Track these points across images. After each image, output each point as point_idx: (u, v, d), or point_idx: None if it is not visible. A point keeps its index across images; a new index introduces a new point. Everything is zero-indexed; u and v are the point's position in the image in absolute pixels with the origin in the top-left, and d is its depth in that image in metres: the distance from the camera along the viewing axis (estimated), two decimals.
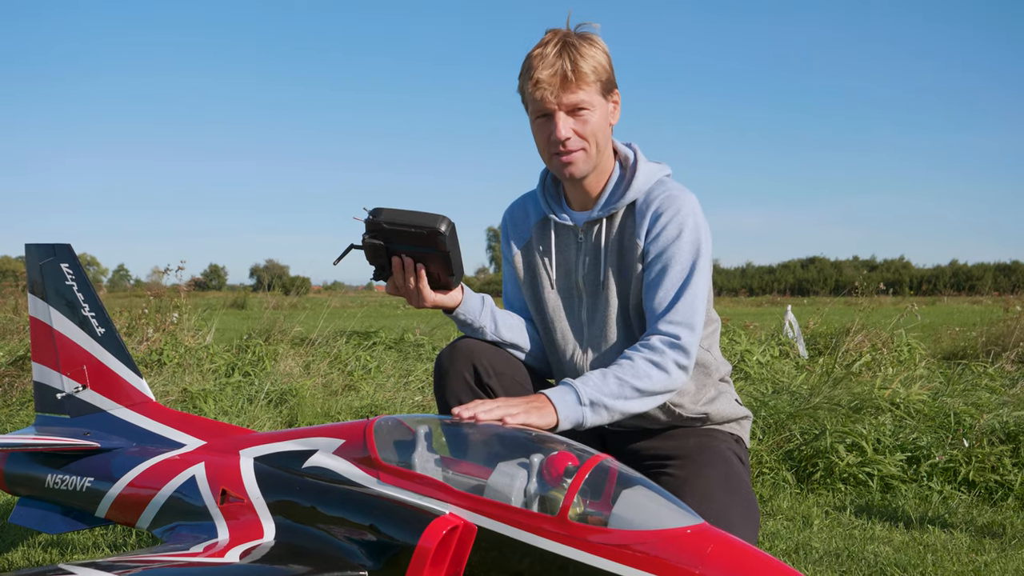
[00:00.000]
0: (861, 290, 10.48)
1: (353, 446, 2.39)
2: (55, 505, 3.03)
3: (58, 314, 3.27)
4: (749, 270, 65.40)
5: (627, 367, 2.49)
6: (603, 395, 2.44)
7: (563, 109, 2.55)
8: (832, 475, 4.82)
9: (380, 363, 9.03)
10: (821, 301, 20.49)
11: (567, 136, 2.57)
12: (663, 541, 1.94)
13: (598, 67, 2.56)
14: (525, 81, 2.58)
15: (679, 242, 2.57)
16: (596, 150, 2.62)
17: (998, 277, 46.84)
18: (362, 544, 2.25)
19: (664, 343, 2.51)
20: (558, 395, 2.43)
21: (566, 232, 2.75)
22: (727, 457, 2.59)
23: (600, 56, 2.57)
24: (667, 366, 2.50)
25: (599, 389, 2.45)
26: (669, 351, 2.51)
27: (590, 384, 2.46)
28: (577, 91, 2.53)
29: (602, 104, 2.60)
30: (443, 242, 2.41)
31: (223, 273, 78.26)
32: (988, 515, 4.26)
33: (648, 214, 2.61)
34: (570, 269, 2.74)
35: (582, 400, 2.43)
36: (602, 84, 2.58)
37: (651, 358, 2.50)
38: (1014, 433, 4.94)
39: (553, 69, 2.51)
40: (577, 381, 2.47)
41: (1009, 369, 8.16)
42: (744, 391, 6.71)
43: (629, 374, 2.48)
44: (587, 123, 2.57)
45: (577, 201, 2.73)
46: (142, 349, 8.26)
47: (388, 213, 2.42)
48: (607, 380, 2.46)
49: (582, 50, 2.54)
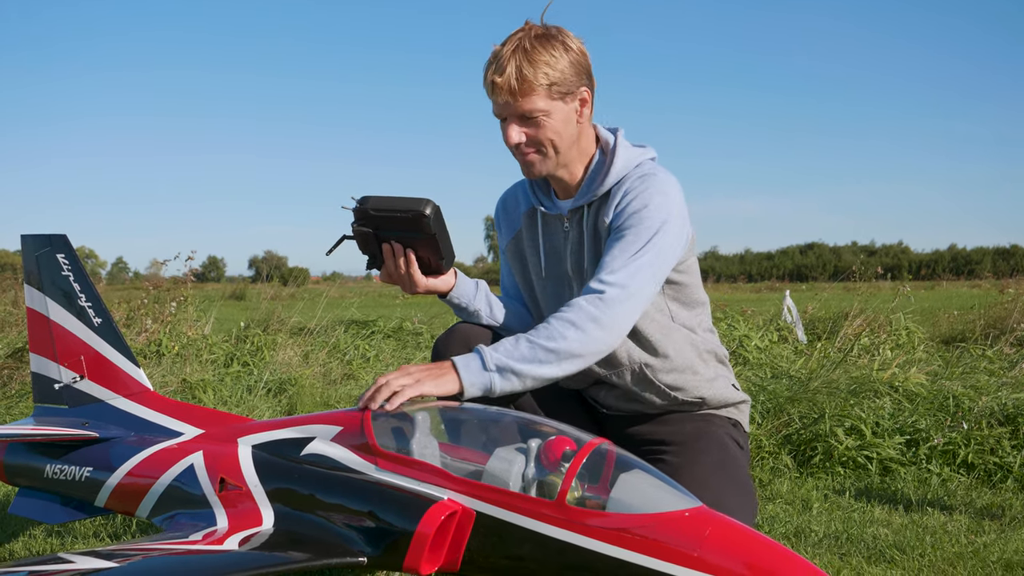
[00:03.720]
0: (859, 275, 10.46)
1: (351, 433, 2.39)
2: (55, 495, 3.03)
3: (55, 304, 3.26)
4: (748, 256, 65.45)
5: (541, 329, 2.41)
6: (512, 359, 2.36)
7: (514, 116, 2.52)
8: (831, 459, 4.82)
9: (379, 352, 9.04)
10: (820, 286, 20.51)
11: (517, 142, 2.54)
12: (661, 524, 1.94)
13: (551, 72, 2.46)
14: (485, 82, 2.54)
15: (640, 214, 2.50)
16: (555, 151, 2.57)
17: (997, 261, 46.78)
18: (361, 530, 2.25)
19: (586, 300, 2.42)
20: (462, 361, 2.37)
21: (553, 221, 2.74)
22: (724, 443, 2.59)
23: (557, 61, 2.47)
24: (582, 324, 2.39)
25: (508, 354, 2.37)
26: (587, 307, 2.40)
27: (500, 349, 2.38)
28: (525, 100, 2.47)
29: (560, 107, 2.51)
30: (428, 225, 2.41)
31: (222, 265, 78.13)
32: (987, 497, 4.27)
33: (619, 194, 2.57)
34: (559, 258, 2.73)
35: (487, 365, 2.35)
36: (556, 88, 2.48)
37: (567, 316, 2.41)
38: (1013, 415, 4.94)
39: (503, 78, 2.46)
40: (487, 347, 2.40)
41: (1008, 351, 8.15)
42: (743, 376, 6.71)
43: (543, 336, 2.39)
44: (541, 127, 2.52)
45: (562, 190, 2.72)
46: (141, 340, 8.25)
47: (374, 200, 2.43)
48: (518, 344, 2.39)
49: (534, 56, 2.45)
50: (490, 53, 2.53)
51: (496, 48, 2.51)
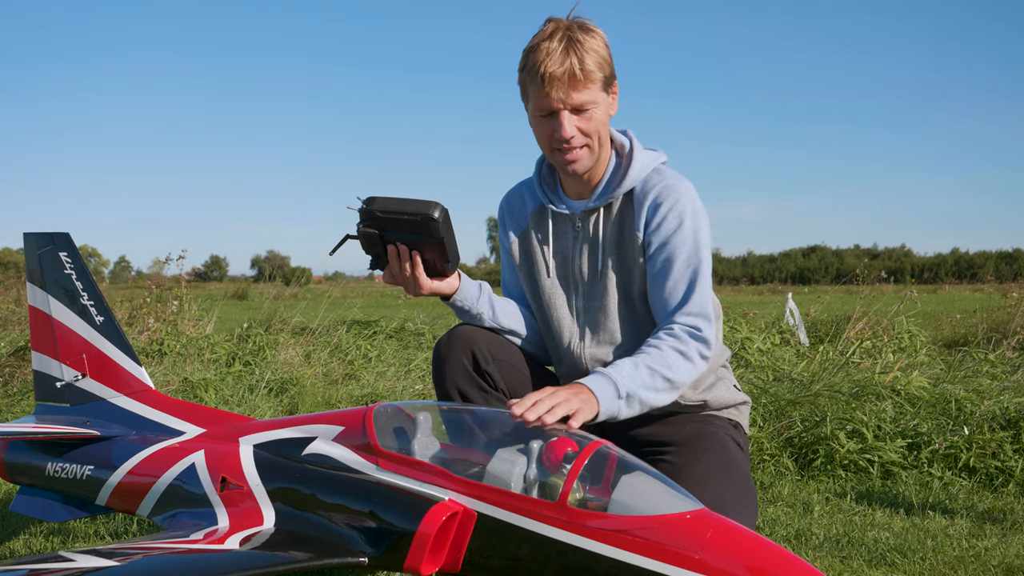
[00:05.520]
0: (862, 278, 10.45)
1: (352, 433, 2.39)
2: (56, 493, 3.03)
3: (57, 303, 3.27)
4: (750, 259, 65.39)
5: (656, 356, 2.45)
6: (639, 387, 2.40)
7: (568, 108, 2.51)
8: (833, 462, 4.82)
9: (380, 352, 9.02)
10: (822, 289, 20.49)
11: (571, 135, 2.53)
12: (663, 526, 1.94)
13: (602, 62, 2.51)
14: (529, 76, 2.52)
15: (680, 232, 2.56)
16: (598, 145, 2.59)
17: (1000, 265, 46.77)
18: (362, 530, 2.25)
19: (686, 333, 2.50)
20: (598, 387, 2.36)
21: (563, 221, 2.73)
22: (724, 443, 2.58)
23: (602, 50, 2.52)
24: (692, 356, 2.48)
25: (634, 380, 2.39)
26: (692, 341, 2.49)
27: (624, 374, 2.39)
28: (583, 90, 2.49)
29: (604, 99, 2.56)
30: (437, 228, 2.39)
31: (224, 264, 78.39)
32: (988, 501, 4.26)
33: (646, 204, 2.60)
34: (567, 258, 2.73)
35: (620, 392, 2.37)
36: (605, 79, 2.54)
37: (678, 347, 2.48)
38: (1015, 419, 4.93)
39: (563, 68, 2.45)
40: (612, 371, 2.40)
41: (1010, 356, 8.13)
42: (745, 378, 6.71)
43: (659, 363, 2.44)
44: (591, 120, 2.54)
45: (573, 190, 2.72)
46: (143, 339, 8.26)
47: (381, 201, 2.41)
48: (639, 370, 2.41)
49: (587, 45, 2.47)
50: (529, 48, 2.51)
51: (539, 43, 2.49)
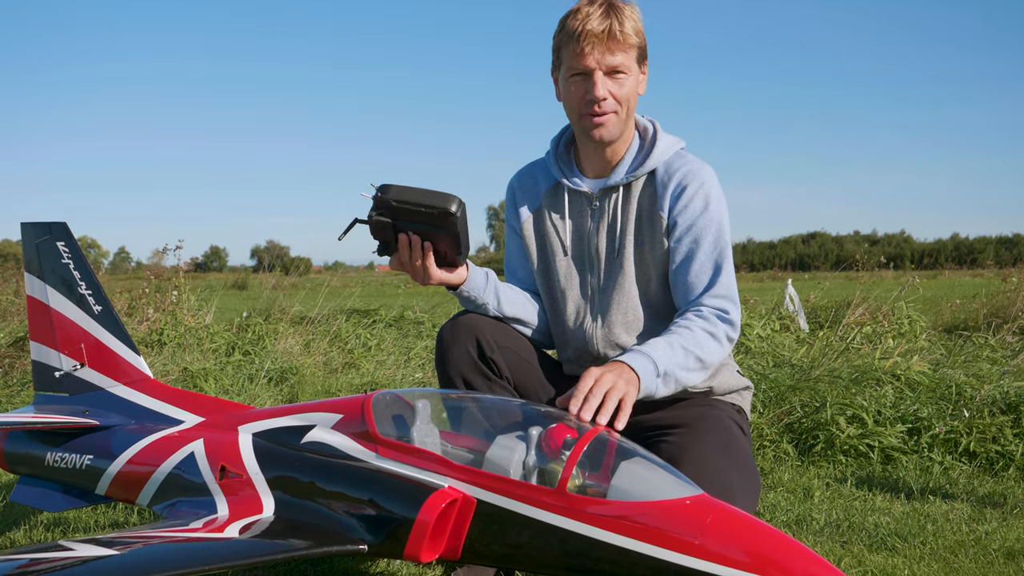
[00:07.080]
0: (862, 264, 10.44)
1: (351, 421, 2.38)
2: (55, 483, 3.03)
3: (55, 292, 3.26)
4: (750, 246, 65.38)
5: (688, 336, 2.47)
6: (673, 365, 2.41)
7: (602, 69, 2.55)
8: (833, 447, 4.82)
9: (380, 341, 9.02)
10: (822, 276, 20.48)
11: (604, 96, 2.57)
12: (662, 512, 1.93)
13: (639, 32, 2.58)
14: (567, 36, 2.57)
15: (707, 215, 2.60)
16: (627, 115, 2.63)
17: (999, 250, 46.78)
18: (361, 518, 2.25)
19: (714, 315, 2.53)
20: (640, 364, 2.36)
21: (579, 199, 2.73)
22: (727, 425, 2.58)
23: (639, 23, 2.60)
24: (720, 338, 2.52)
25: (670, 359, 2.41)
26: (721, 324, 2.53)
27: (660, 352, 2.40)
28: (619, 53, 2.54)
29: (636, 71, 2.61)
30: (454, 223, 2.36)
31: (224, 254, 78.41)
32: (989, 485, 4.27)
33: (671, 186, 2.62)
34: (583, 236, 2.72)
35: (658, 371, 2.38)
36: (639, 51, 2.60)
37: (708, 328, 2.51)
38: (1015, 404, 4.93)
39: (602, 27, 2.51)
40: (648, 349, 2.40)
41: (1010, 340, 8.13)
42: (745, 364, 6.71)
43: (691, 343, 2.46)
44: (623, 86, 2.58)
45: (592, 168, 2.73)
46: (143, 329, 8.25)
47: (397, 191, 2.37)
48: (674, 349, 2.43)
49: (626, 12, 2.55)
50: (568, 14, 2.57)
51: (579, 7, 2.56)
